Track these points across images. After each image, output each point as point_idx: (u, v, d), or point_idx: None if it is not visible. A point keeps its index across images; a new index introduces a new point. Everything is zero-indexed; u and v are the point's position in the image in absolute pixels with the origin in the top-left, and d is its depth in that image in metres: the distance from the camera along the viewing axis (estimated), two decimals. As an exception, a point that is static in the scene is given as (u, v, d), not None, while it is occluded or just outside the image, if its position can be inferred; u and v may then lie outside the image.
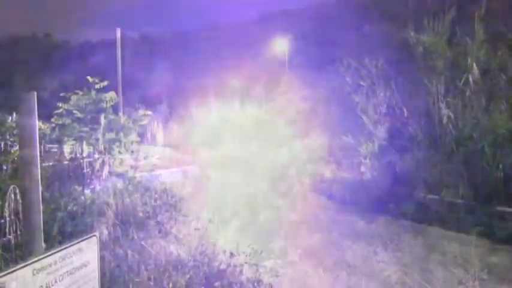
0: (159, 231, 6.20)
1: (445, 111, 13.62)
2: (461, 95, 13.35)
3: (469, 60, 13.17)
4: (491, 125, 12.18)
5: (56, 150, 7.83)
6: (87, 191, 6.23)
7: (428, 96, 14.19)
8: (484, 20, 13.16)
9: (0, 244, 3.58)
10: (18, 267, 2.12)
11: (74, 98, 7.74)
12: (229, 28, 53.79)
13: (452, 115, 13.33)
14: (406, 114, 14.76)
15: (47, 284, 2.28)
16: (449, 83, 13.78)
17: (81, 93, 7.84)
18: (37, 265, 2.24)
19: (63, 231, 4.57)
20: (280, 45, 31.64)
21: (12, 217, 3.54)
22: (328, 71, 19.85)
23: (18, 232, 3.57)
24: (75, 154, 7.53)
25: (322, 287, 6.64)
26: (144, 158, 8.58)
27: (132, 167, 8.10)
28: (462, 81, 13.34)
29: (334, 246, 9.29)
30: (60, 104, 7.81)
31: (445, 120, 13.51)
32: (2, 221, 3.58)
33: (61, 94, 8.15)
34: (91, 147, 7.86)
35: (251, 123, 21.68)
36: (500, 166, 11.56)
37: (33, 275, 2.20)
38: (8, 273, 2.04)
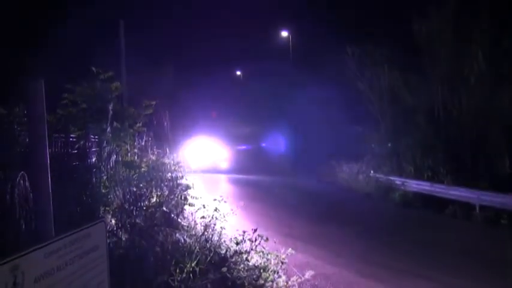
0: (166, 220, 6.25)
1: (449, 99, 13.55)
2: (466, 83, 13.23)
3: (474, 48, 13.03)
4: (497, 113, 12.11)
5: (63, 140, 7.86)
6: (94, 180, 6.28)
7: (433, 84, 14.10)
8: (490, 8, 12.98)
9: (11, 229, 3.65)
10: (29, 250, 2.17)
11: (79, 88, 7.73)
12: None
13: (457, 103, 13.24)
14: (410, 102, 14.68)
15: (57, 266, 2.34)
16: (454, 71, 13.66)
17: (86, 84, 7.82)
18: (48, 249, 2.30)
19: (71, 219, 4.64)
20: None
21: (22, 203, 3.61)
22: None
23: (28, 218, 3.63)
24: (82, 144, 7.56)
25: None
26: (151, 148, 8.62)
27: (138, 156, 8.14)
28: (467, 69, 13.21)
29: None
30: (65, 95, 7.81)
31: (449, 107, 13.44)
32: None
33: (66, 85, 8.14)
34: (97, 137, 7.88)
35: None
36: (506, 155, 11.52)
37: (45, 258, 2.26)
38: (21, 256, 2.10)
